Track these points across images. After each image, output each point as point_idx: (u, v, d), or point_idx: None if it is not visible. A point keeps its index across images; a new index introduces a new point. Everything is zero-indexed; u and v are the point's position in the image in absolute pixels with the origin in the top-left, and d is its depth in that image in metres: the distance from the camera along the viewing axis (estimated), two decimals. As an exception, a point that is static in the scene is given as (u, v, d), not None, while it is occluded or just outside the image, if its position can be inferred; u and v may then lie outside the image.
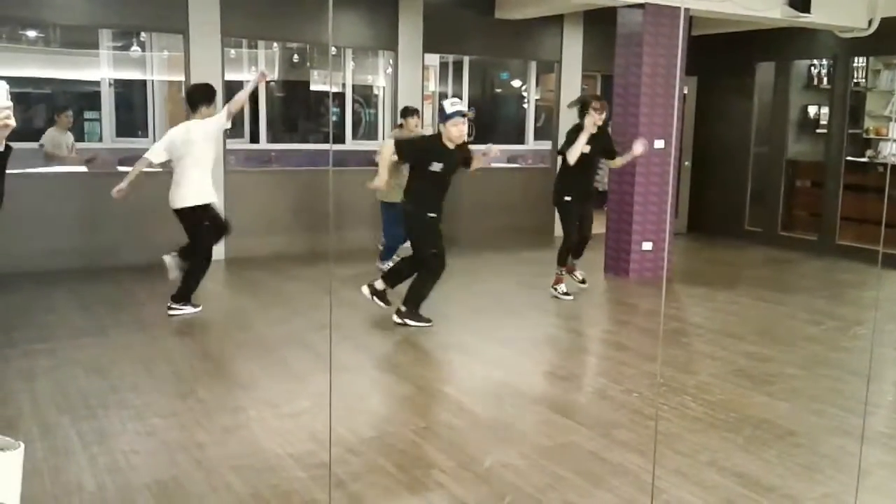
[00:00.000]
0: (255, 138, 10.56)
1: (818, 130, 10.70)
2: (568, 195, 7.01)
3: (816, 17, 8.57)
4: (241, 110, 10.92)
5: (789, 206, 10.75)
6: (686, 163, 11.22)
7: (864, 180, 9.99)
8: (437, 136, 5.98)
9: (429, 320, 6.01)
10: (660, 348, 5.49)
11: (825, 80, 10.73)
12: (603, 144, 7.05)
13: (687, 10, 7.93)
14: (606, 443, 3.98)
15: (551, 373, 5.22)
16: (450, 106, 5.90)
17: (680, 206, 11.21)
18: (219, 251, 8.42)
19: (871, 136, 11.02)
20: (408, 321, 5.97)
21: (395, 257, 7.50)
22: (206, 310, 6.31)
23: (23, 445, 2.14)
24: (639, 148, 6.91)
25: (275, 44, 10.91)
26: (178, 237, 6.23)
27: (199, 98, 6.17)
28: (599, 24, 9.88)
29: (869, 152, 10.81)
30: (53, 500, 3.23)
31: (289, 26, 8.84)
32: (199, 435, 3.97)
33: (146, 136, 10.64)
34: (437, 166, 5.83)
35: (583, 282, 7.40)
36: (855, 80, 10.37)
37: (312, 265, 6.03)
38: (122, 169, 8.84)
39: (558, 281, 7.10)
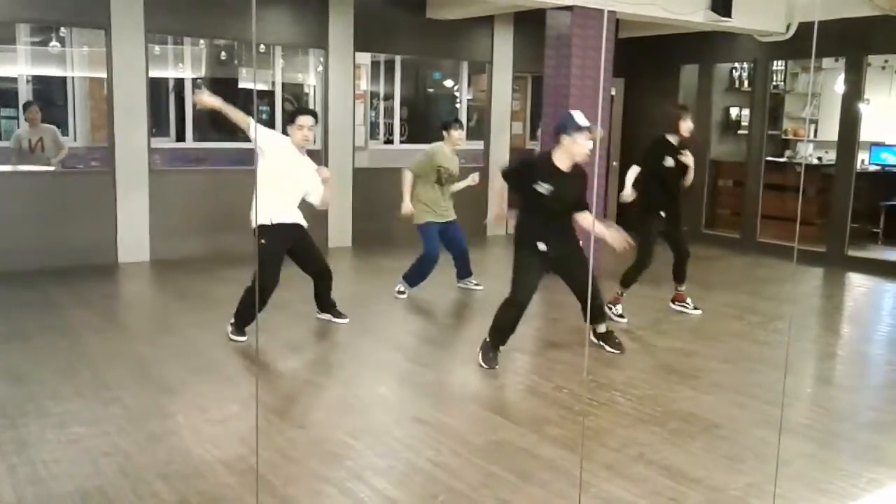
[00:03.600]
0: (181, 137, 10.36)
1: (740, 131, 11.06)
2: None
3: (737, 21, 8.83)
4: (167, 109, 10.71)
5: (713, 205, 11.08)
6: (614, 163, 11.43)
7: (783, 180, 10.36)
8: (547, 155, 5.12)
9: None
10: (587, 345, 5.58)
11: (746, 82, 11.10)
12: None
13: (613, 12, 8.07)
14: (537, 439, 4.03)
15: (482, 371, 5.24)
16: (581, 117, 5.01)
17: (609, 206, 11.41)
18: (143, 252, 8.25)
19: (790, 136, 11.46)
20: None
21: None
22: (130, 313, 6.13)
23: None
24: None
25: (202, 41, 10.70)
26: (103, 238, 6.03)
27: None
28: (529, 26, 9.98)
29: (788, 152, 11.24)
30: (-32, 514, 3.11)
31: (215, 23, 8.67)
32: (124, 442, 3.86)
33: (66, 133, 10.31)
34: (543, 188, 4.97)
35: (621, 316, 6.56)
36: (774, 83, 10.77)
37: (239, 266, 5.93)
38: (31, 168, 8.54)
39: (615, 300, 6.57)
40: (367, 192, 9.70)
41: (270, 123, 10.78)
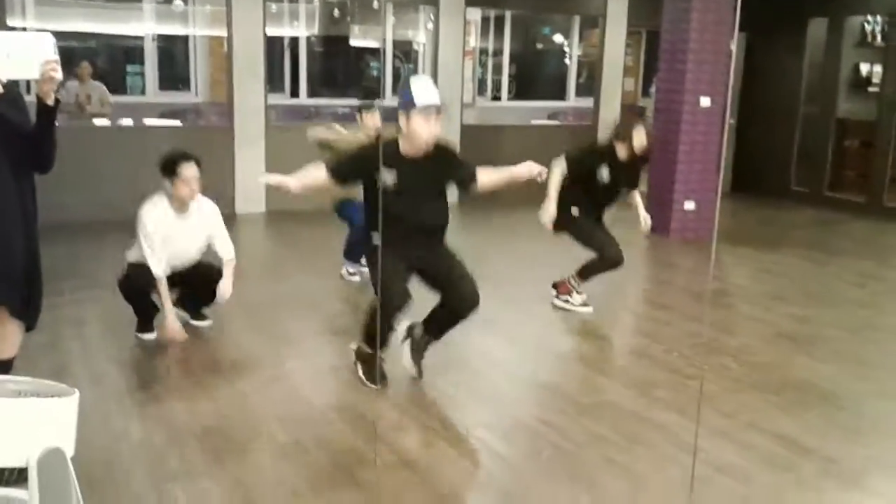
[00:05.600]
0: (295, 93, 10.59)
1: (870, 89, 10.39)
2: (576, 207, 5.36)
3: (873, -30, 8.26)
4: (282, 66, 10.95)
5: (837, 167, 10.48)
6: (731, 120, 10.98)
7: (916, 141, 9.70)
8: (394, 142, 3.97)
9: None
10: (705, 308, 5.45)
11: (879, 37, 10.39)
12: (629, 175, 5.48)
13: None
14: (646, 402, 3.98)
15: (590, 331, 5.21)
16: (422, 90, 3.83)
17: (724, 165, 11.00)
18: (259, 204, 8.53)
19: (926, 94, 10.66)
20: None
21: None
22: (246, 262, 6.35)
23: (78, 392, 2.19)
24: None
25: (316, -2, 10.87)
26: (222, 190, 6.17)
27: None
28: (646, -22, 9.65)
29: (923, 112, 10.48)
30: (102, 447, 3.32)
31: (330, -20, 8.77)
32: (242, 384, 4.05)
33: (188, 89, 10.72)
34: (388, 179, 3.87)
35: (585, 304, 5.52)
36: (911, 37, 10.02)
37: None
38: (152, 122, 8.90)
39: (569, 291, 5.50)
40: (474, 149, 9.66)
41: (379, 80, 10.89)
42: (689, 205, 7.96)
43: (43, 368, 4.03)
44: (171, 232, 4.48)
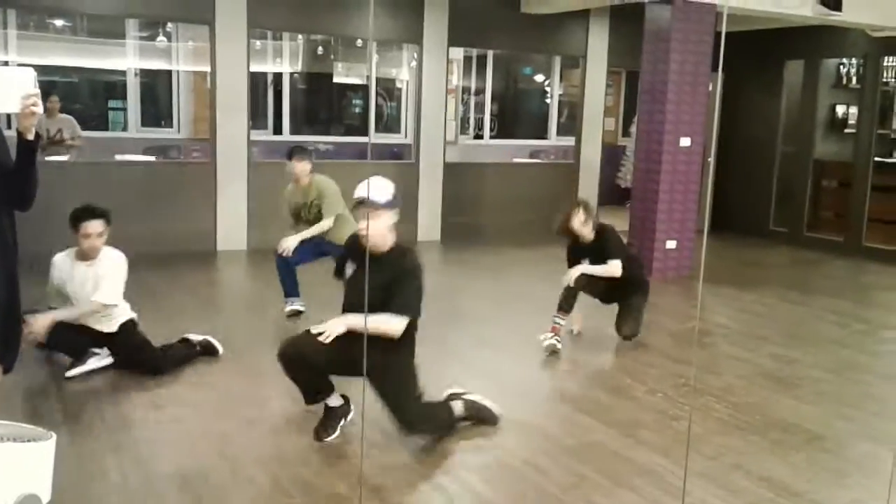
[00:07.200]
0: (277, 130, 10.61)
1: (846, 130, 10.58)
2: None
3: (848, 15, 8.43)
4: (265, 102, 10.97)
5: (815, 207, 10.63)
6: (709, 159, 11.10)
7: (892, 181, 9.85)
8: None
9: None
10: (694, 349, 5.44)
11: (854, 79, 10.60)
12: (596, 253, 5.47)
13: (713, 5, 7.84)
14: (630, 442, 3.95)
15: (574, 371, 5.18)
16: (363, 186, 3.60)
17: (702, 204, 11.10)
18: (240, 241, 8.48)
19: (901, 136, 10.86)
20: None
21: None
22: (227, 299, 6.29)
23: (54, 436, 2.13)
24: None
25: (299, 35, 10.93)
26: (202, 227, 6.14)
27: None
28: (626, 20, 9.81)
29: (898, 153, 10.67)
30: (78, 489, 3.24)
31: (315, 18, 8.83)
32: (222, 425, 3.97)
33: (170, 125, 10.70)
34: (349, 270, 3.82)
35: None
36: (884, 80, 10.24)
37: (328, 259, 6.22)
38: (140, 158, 8.88)
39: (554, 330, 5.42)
40: (456, 186, 9.72)
41: (363, 117, 10.93)
42: (671, 244, 8.01)
43: (17, 408, 3.94)
44: (67, 277, 4.65)
